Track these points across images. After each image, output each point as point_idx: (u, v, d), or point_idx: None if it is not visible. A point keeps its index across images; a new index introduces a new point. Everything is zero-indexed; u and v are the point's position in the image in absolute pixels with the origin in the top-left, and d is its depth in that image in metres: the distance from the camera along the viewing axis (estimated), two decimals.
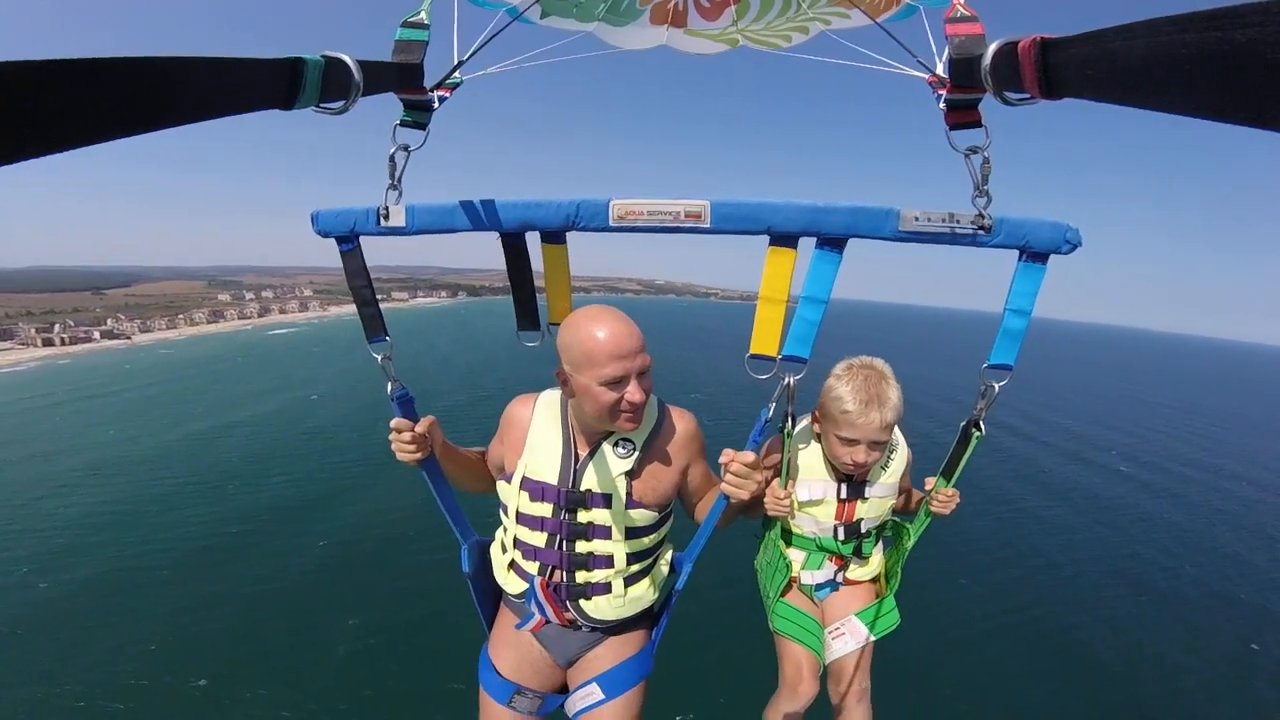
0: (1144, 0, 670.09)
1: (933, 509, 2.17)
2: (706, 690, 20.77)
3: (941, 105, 1.49)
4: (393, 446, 1.94)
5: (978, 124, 1.47)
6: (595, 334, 1.73)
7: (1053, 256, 1.59)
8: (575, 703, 2.11)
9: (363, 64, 1.11)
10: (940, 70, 1.61)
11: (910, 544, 2.33)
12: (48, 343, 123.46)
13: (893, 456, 2.32)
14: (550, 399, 2.05)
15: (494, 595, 2.32)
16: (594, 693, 2.08)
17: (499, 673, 2.16)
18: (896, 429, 2.27)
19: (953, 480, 2.10)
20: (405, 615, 24.68)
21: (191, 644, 23.46)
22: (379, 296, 1.86)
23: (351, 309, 1.84)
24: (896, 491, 2.37)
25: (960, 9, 1.46)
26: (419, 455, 1.94)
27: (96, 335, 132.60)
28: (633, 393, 1.78)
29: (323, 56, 0.99)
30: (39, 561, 30.07)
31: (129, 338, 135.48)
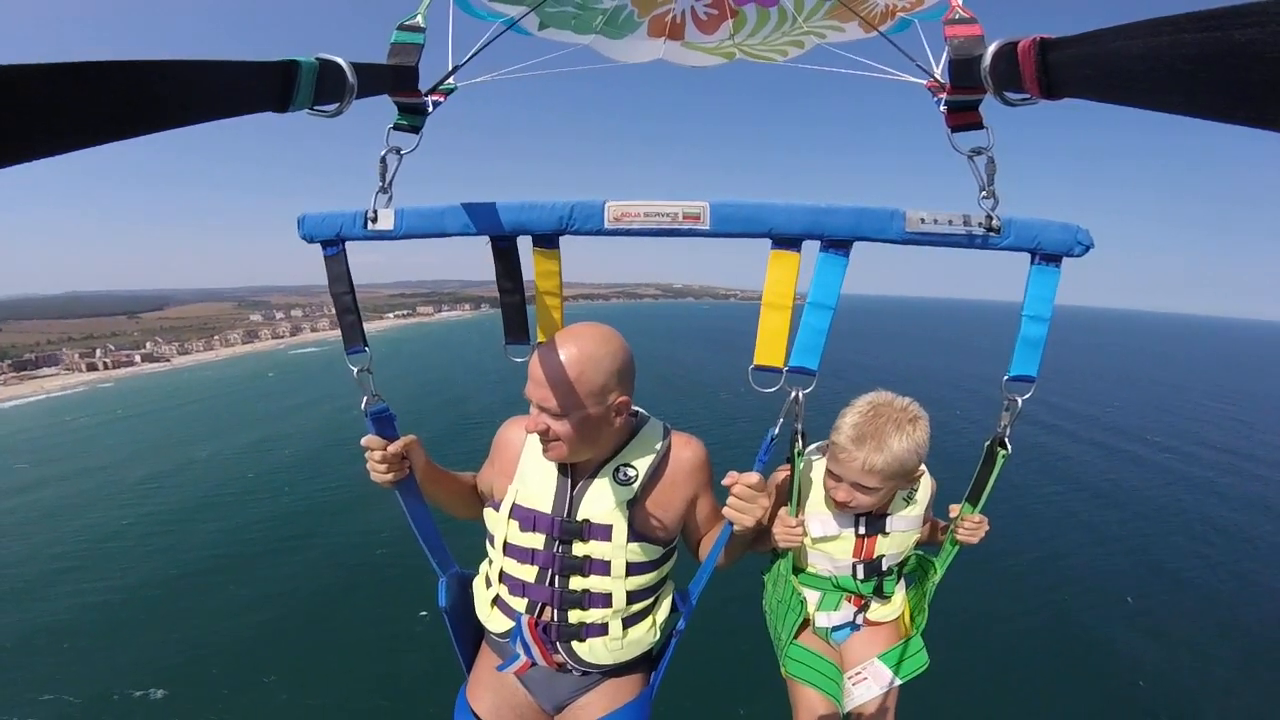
0: (1145, 0, 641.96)
1: (959, 538, 2.00)
2: None
3: (942, 108, 1.48)
4: (367, 465, 1.81)
5: (979, 125, 1.45)
6: (534, 351, 1.67)
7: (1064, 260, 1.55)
8: None
9: (357, 66, 1.10)
10: (939, 75, 1.59)
11: (937, 578, 2.15)
12: (91, 367, 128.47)
13: (916, 488, 2.13)
14: None
15: (474, 632, 2.12)
16: None
17: (477, 717, 1.97)
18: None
19: (979, 505, 1.94)
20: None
21: (261, 637, 26.14)
22: (404, 311, 1.84)
23: (381, 325, 1.84)
24: (920, 525, 2.18)
25: (959, 11, 1.45)
26: (392, 477, 1.81)
27: (138, 358, 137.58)
28: (529, 421, 1.68)
29: (317, 59, 0.98)
30: (133, 559, 34.00)
31: (169, 360, 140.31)
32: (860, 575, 2.14)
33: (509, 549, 1.83)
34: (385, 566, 31.09)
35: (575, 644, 1.83)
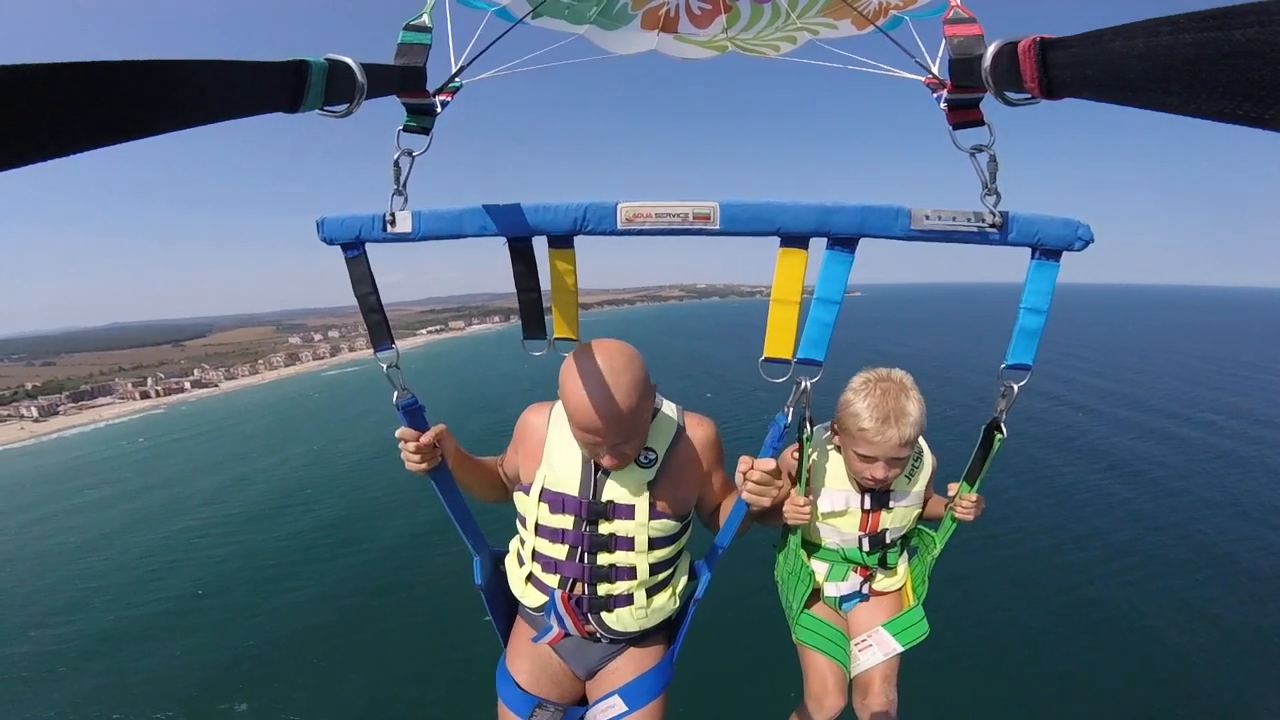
0: (1146, 0, 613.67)
1: (957, 515, 2.11)
2: (728, 701, 20.33)
3: (942, 105, 1.49)
4: (401, 456, 1.90)
5: (980, 122, 1.46)
6: (573, 396, 1.68)
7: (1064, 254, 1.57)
8: (597, 715, 2.07)
9: (366, 67, 1.10)
10: (936, 71, 1.59)
11: (937, 552, 2.26)
12: (144, 395, 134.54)
13: (918, 464, 2.25)
14: None
15: (508, 607, 2.26)
16: (616, 705, 2.04)
17: (519, 686, 2.11)
18: (920, 437, 2.16)
19: (976, 485, 2.04)
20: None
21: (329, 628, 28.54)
22: (435, 327, 1.87)
23: (416, 341, 1.87)
24: (922, 500, 2.29)
25: (958, 10, 1.45)
26: (425, 465, 1.91)
27: (187, 385, 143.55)
28: (606, 460, 1.78)
29: (326, 59, 0.98)
30: (201, 568, 36.90)
31: (217, 385, 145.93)
32: (866, 547, 2.27)
33: (540, 530, 1.94)
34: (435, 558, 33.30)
35: (605, 614, 1.98)
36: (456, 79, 1.72)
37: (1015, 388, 1.71)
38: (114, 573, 37.83)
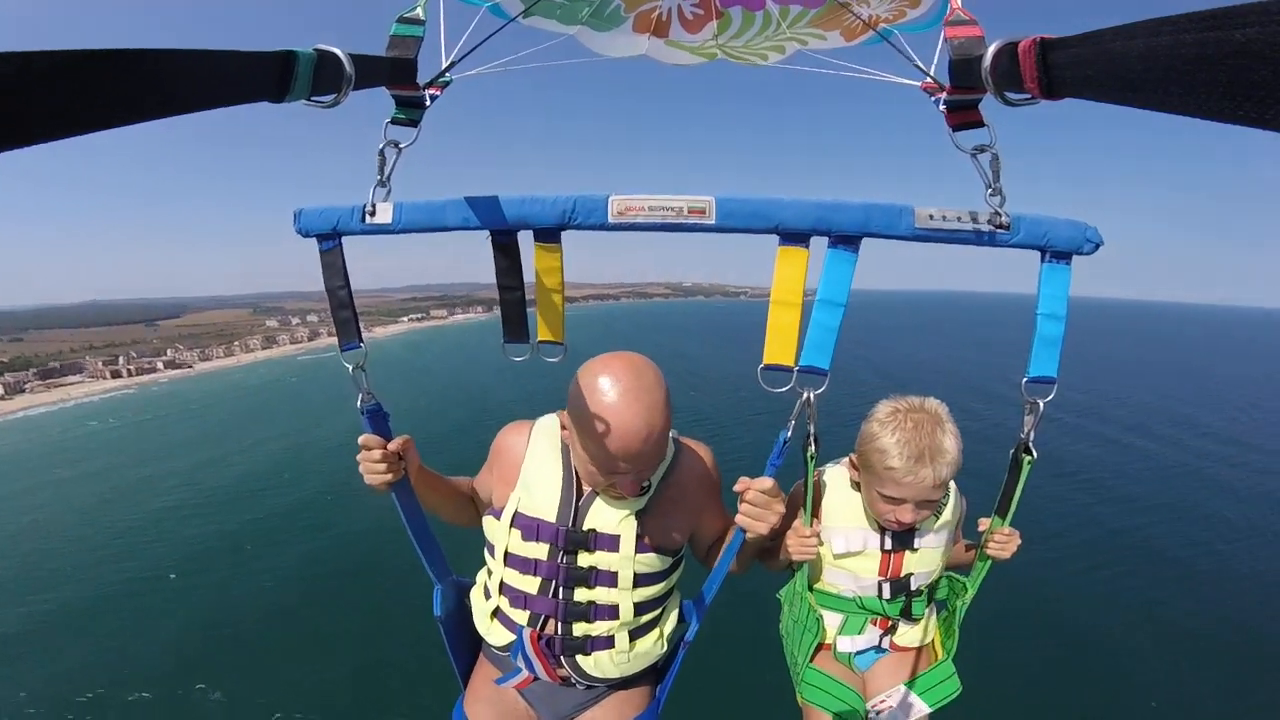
0: (1146, 0, 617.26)
1: (989, 552, 1.90)
2: None
3: (941, 107, 1.47)
4: (360, 467, 1.73)
5: (980, 123, 1.44)
6: (606, 418, 1.50)
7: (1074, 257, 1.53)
8: None
9: (355, 57, 1.09)
10: (933, 75, 1.59)
11: (970, 596, 2.02)
12: (115, 374, 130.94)
13: (945, 499, 2.00)
14: (549, 426, 1.83)
15: (471, 642, 2.04)
16: None
17: None
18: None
19: (1009, 517, 1.85)
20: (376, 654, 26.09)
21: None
22: (417, 315, 1.82)
23: (397, 329, 1.82)
24: (952, 540, 2.06)
25: (959, 12, 1.45)
26: (389, 477, 1.74)
27: (160, 365, 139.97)
28: (625, 486, 1.63)
29: (314, 50, 0.98)
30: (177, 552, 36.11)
31: (191, 366, 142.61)
32: (887, 594, 2.01)
33: (510, 559, 1.77)
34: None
35: (580, 658, 1.78)
36: (447, 74, 1.69)
37: (1041, 404, 1.58)
38: (81, 553, 37.15)
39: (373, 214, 1.63)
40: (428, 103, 1.61)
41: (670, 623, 1.90)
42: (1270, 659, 23.08)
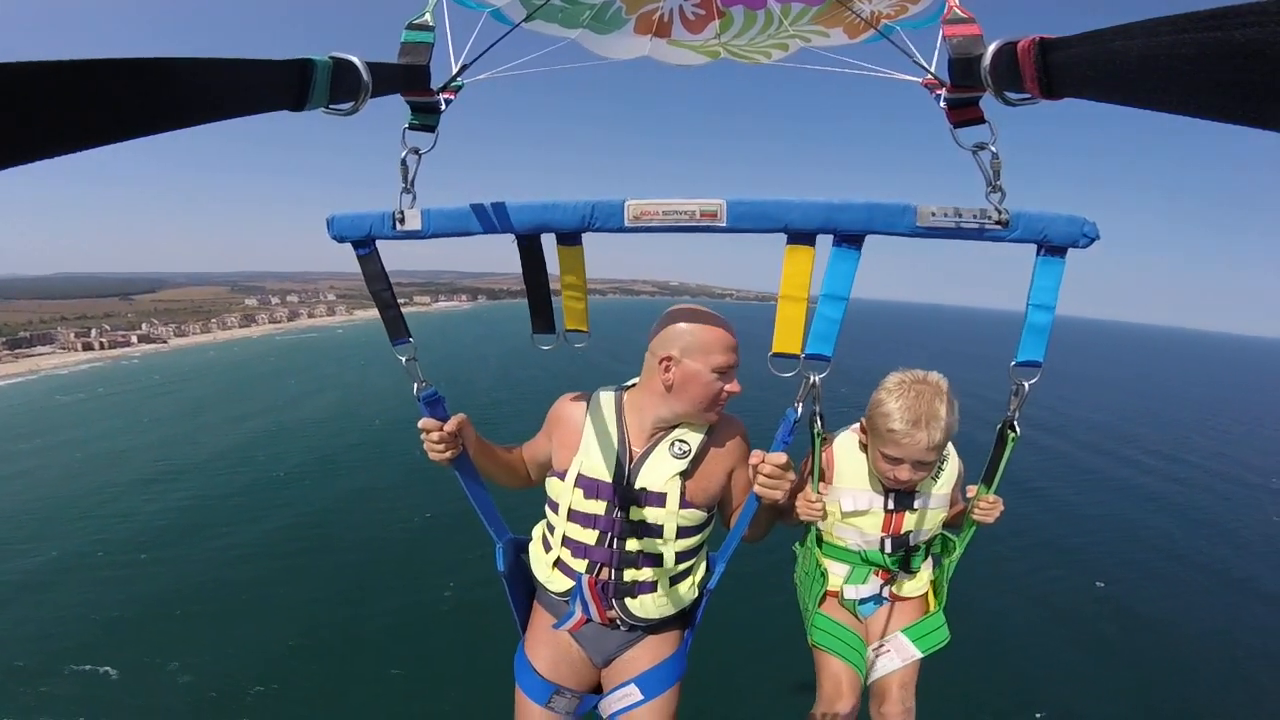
0: (1147, 0, 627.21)
1: (975, 517, 2.09)
2: (738, 701, 20.40)
3: (942, 104, 1.50)
4: (424, 447, 1.94)
5: (980, 120, 1.47)
6: (711, 325, 1.89)
7: (1070, 251, 1.56)
8: (612, 703, 2.11)
9: (371, 65, 1.10)
10: (934, 72, 1.61)
11: (957, 556, 2.25)
12: (87, 347, 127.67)
13: (944, 467, 2.23)
14: (606, 398, 2.08)
15: (527, 594, 2.32)
16: (633, 693, 2.08)
17: (537, 672, 2.15)
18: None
19: (993, 486, 2.03)
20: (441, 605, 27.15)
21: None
22: (400, 300, 1.86)
23: (375, 314, 1.85)
24: (947, 503, 2.27)
25: (957, 10, 1.46)
26: (449, 454, 1.95)
27: (134, 339, 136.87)
28: (735, 385, 1.93)
29: (331, 58, 0.98)
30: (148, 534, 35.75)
31: (165, 341, 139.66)
32: (888, 549, 2.26)
33: (573, 515, 2.02)
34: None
35: (628, 600, 2.05)
36: (458, 78, 1.73)
37: (1026, 385, 1.69)
38: (45, 524, 36.92)
39: (402, 221, 1.69)
40: (443, 107, 1.65)
41: (701, 571, 2.16)
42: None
